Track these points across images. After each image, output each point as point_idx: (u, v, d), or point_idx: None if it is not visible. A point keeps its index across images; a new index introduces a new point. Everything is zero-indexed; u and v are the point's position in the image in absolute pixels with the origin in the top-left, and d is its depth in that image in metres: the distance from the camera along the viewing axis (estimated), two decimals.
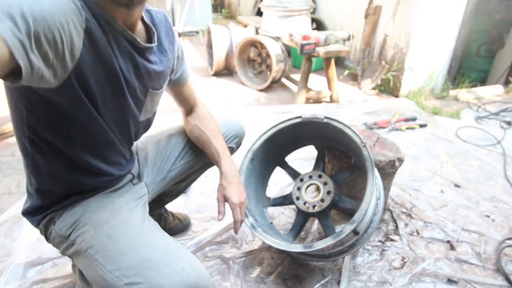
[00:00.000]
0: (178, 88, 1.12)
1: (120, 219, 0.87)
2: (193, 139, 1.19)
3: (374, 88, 3.61)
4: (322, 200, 1.28)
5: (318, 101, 3.29)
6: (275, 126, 1.36)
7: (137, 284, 0.74)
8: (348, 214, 1.59)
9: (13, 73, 0.54)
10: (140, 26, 0.83)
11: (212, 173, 1.37)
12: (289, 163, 1.48)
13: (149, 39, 0.86)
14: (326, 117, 1.26)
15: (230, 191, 1.10)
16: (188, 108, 1.19)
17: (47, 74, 0.59)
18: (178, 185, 1.34)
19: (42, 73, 0.58)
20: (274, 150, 1.42)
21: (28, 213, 0.91)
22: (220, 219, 1.10)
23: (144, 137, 1.12)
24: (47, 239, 0.94)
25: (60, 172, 0.83)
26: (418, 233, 1.53)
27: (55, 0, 0.58)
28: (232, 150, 1.30)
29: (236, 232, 1.09)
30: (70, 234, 0.86)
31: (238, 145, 1.34)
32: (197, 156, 1.22)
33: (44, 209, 0.89)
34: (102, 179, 0.91)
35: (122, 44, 0.76)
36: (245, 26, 4.14)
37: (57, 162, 0.81)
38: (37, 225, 0.92)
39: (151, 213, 1.43)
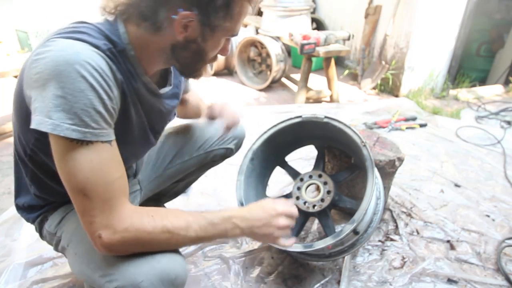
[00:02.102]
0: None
1: None
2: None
3: (374, 88, 3.61)
4: (322, 200, 1.28)
5: (318, 100, 3.29)
6: (275, 126, 1.36)
7: (110, 275, 0.74)
8: (348, 214, 1.59)
9: None
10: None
11: (212, 173, 1.37)
12: (289, 163, 1.47)
13: (165, 77, 0.92)
14: (326, 117, 1.26)
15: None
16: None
17: None
18: (176, 185, 1.34)
19: None
20: (274, 149, 1.42)
21: (23, 208, 0.93)
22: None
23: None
24: (41, 236, 0.96)
25: (59, 188, 0.80)
26: (418, 232, 1.53)
27: (101, 87, 0.65)
28: (231, 152, 1.30)
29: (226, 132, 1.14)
30: (57, 231, 0.89)
31: (238, 146, 1.34)
32: (195, 156, 1.23)
33: (39, 207, 0.91)
34: None
35: (145, 96, 0.82)
36: (245, 26, 4.14)
37: (57, 182, 0.78)
38: (32, 222, 0.95)
39: None
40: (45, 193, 0.87)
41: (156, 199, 1.34)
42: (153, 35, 0.72)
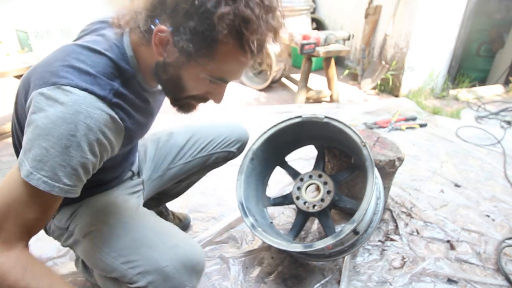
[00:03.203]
0: None
1: (114, 205, 0.91)
2: None
3: (374, 88, 3.61)
4: (322, 200, 1.28)
5: (318, 100, 3.29)
6: (275, 125, 1.36)
7: (133, 261, 0.77)
8: (348, 214, 1.59)
9: None
10: None
11: (212, 173, 1.37)
12: (289, 163, 1.48)
13: None
14: (326, 117, 1.26)
15: None
16: None
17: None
18: (178, 185, 1.34)
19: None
20: (274, 149, 1.42)
21: None
22: None
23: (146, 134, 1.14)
24: (47, 232, 0.97)
25: None
26: (418, 232, 1.53)
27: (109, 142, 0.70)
28: (233, 155, 1.29)
29: None
30: (69, 225, 0.89)
31: (241, 150, 1.32)
32: (198, 157, 1.22)
33: None
34: (108, 185, 0.98)
35: (149, 101, 0.85)
36: None
37: None
38: None
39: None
40: None
41: (158, 198, 1.34)
42: (146, 47, 0.72)
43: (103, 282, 0.88)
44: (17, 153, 0.84)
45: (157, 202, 1.38)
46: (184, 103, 0.79)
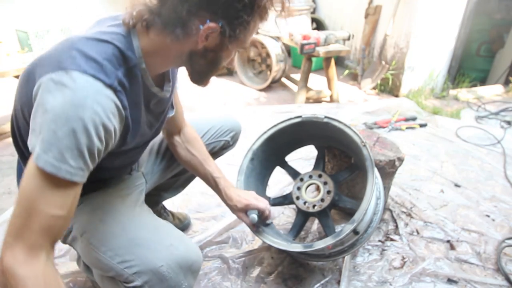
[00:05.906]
0: None
1: (112, 204, 0.92)
2: (182, 163, 1.18)
3: (374, 88, 3.61)
4: (322, 200, 1.28)
5: (318, 100, 3.29)
6: (275, 125, 1.36)
7: (129, 261, 0.78)
8: (348, 214, 1.59)
9: None
10: None
11: None
12: (289, 163, 1.48)
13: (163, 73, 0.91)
14: (326, 117, 1.26)
15: (252, 201, 1.12)
16: (176, 126, 1.12)
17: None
18: (177, 180, 1.34)
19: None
20: (274, 149, 1.42)
21: None
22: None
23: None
24: None
25: None
26: (418, 232, 1.53)
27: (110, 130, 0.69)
28: (228, 144, 1.32)
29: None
30: None
31: (235, 140, 1.34)
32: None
33: None
34: (107, 182, 0.98)
35: (151, 101, 0.85)
36: None
37: None
38: None
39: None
40: None
41: (157, 194, 1.34)
42: (174, 42, 0.73)
43: (101, 281, 0.89)
44: (19, 151, 0.84)
45: (156, 199, 1.38)
46: (209, 79, 0.85)
